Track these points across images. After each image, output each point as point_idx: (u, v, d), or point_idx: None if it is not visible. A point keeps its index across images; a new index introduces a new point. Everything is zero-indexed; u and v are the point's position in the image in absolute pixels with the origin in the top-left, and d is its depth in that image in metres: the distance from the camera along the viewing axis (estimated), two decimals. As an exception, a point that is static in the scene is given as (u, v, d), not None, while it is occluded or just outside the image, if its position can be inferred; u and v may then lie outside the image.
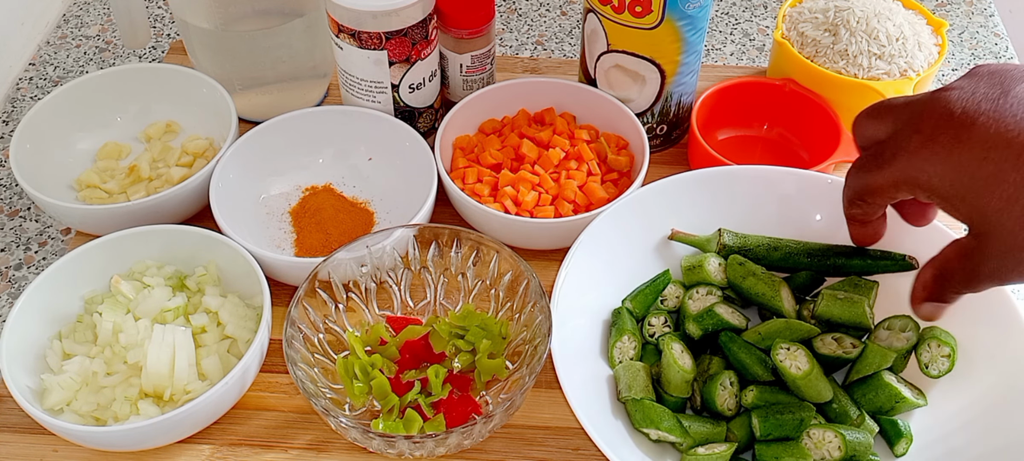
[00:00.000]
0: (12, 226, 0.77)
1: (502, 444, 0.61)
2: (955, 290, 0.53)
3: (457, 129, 0.76)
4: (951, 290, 0.53)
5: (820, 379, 0.57)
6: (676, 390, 0.59)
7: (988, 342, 0.60)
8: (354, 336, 0.62)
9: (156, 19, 0.98)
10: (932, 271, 0.54)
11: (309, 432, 0.62)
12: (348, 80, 0.74)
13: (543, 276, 0.66)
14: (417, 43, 0.71)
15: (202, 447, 0.61)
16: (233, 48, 0.77)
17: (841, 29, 0.78)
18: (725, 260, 0.65)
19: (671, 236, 0.64)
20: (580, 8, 0.99)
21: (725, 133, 0.82)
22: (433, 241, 0.64)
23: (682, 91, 0.76)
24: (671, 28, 0.70)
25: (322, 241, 0.71)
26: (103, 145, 0.78)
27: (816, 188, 0.67)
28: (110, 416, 0.59)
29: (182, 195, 0.69)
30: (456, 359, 0.62)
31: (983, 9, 0.99)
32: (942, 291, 0.54)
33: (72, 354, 0.61)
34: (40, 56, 0.94)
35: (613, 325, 0.64)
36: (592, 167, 0.73)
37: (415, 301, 0.67)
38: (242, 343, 0.62)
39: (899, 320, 0.62)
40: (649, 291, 0.65)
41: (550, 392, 0.63)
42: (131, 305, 0.63)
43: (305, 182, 0.76)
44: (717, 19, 0.98)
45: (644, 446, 0.58)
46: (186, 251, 0.66)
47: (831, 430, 0.56)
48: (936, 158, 0.48)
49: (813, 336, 0.60)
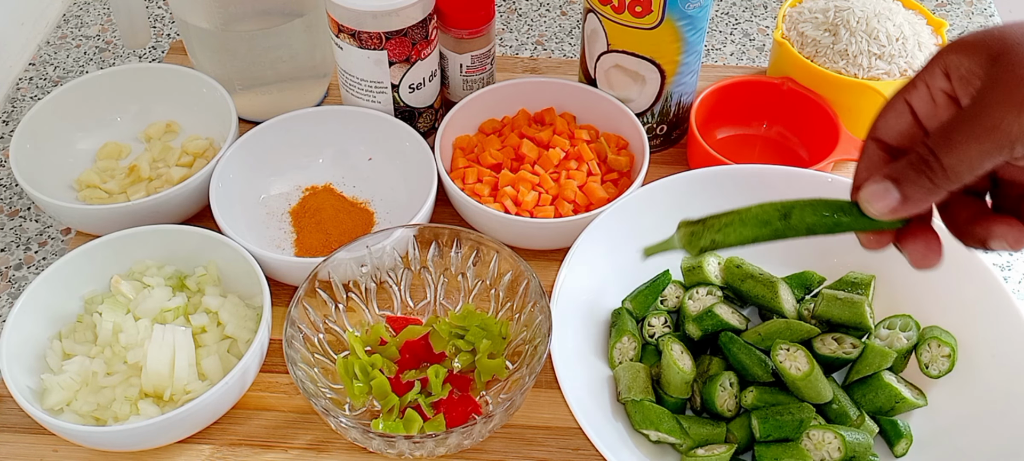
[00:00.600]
0: (12, 226, 0.77)
1: (502, 444, 0.61)
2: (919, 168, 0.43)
3: (457, 129, 0.76)
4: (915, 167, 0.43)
5: (820, 380, 0.57)
6: (676, 391, 0.59)
7: (988, 342, 0.60)
8: (354, 336, 0.62)
9: (156, 19, 0.98)
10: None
11: (309, 432, 0.62)
12: (348, 80, 0.74)
13: (543, 276, 0.66)
14: (417, 43, 0.71)
15: (202, 447, 0.61)
16: (233, 48, 0.77)
17: (841, 29, 0.78)
18: (722, 260, 0.65)
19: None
20: (580, 8, 0.99)
21: (724, 132, 0.82)
22: (433, 241, 0.64)
23: (682, 91, 0.76)
24: (671, 28, 0.70)
25: (322, 241, 0.71)
26: (103, 145, 0.78)
27: (816, 187, 0.67)
28: (110, 416, 0.59)
29: (182, 195, 0.69)
30: (456, 359, 0.62)
31: (983, 9, 0.99)
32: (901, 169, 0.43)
33: (72, 354, 0.61)
34: (40, 56, 0.94)
35: (613, 326, 0.64)
36: (592, 167, 0.73)
37: (415, 301, 0.67)
38: (242, 343, 0.62)
39: (899, 319, 0.62)
40: (649, 291, 0.65)
41: (550, 392, 0.63)
42: (131, 305, 0.63)
43: (305, 182, 0.76)
44: (717, 19, 0.98)
45: (644, 447, 0.58)
46: (186, 251, 0.66)
47: (831, 431, 0.56)
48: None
49: (813, 336, 0.60)
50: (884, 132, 0.47)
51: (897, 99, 0.46)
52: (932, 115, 0.45)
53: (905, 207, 0.43)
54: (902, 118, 0.46)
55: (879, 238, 0.47)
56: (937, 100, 0.45)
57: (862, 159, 0.47)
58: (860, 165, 0.48)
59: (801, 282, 0.66)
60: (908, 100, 0.46)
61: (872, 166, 0.47)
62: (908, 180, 0.43)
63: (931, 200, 0.43)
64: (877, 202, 0.44)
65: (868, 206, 0.45)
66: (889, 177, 0.44)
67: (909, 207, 0.43)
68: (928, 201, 0.43)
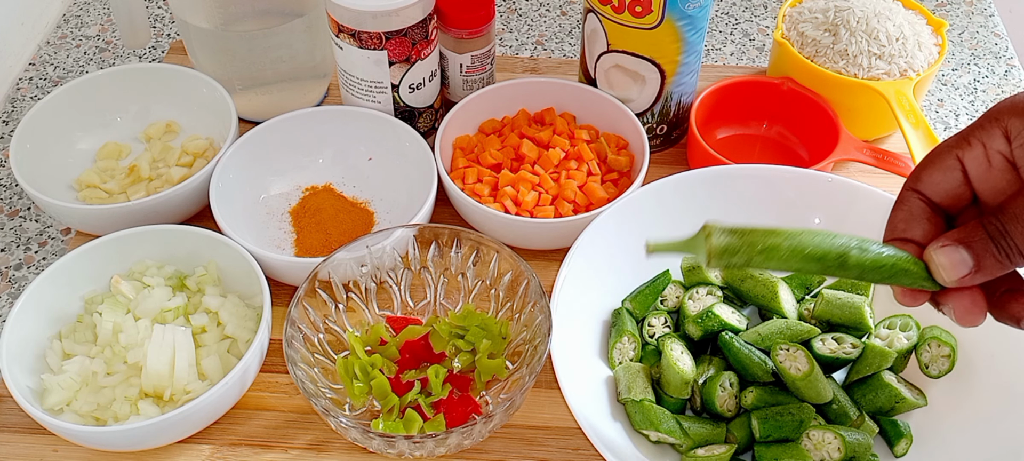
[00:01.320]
0: (12, 226, 0.77)
1: (502, 444, 0.61)
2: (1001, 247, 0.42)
3: (457, 129, 0.76)
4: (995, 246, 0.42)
5: (820, 380, 0.57)
6: (676, 391, 0.59)
7: (989, 342, 0.60)
8: (354, 336, 0.62)
9: (156, 19, 0.98)
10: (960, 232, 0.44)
11: (309, 432, 0.62)
12: (348, 80, 0.74)
13: (543, 276, 0.66)
14: (417, 43, 0.71)
15: (202, 447, 0.61)
16: (233, 48, 0.76)
17: (841, 29, 0.78)
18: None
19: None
20: (580, 8, 0.99)
21: (724, 132, 0.82)
22: (433, 241, 0.64)
23: (682, 91, 0.76)
24: (671, 28, 0.70)
25: (322, 241, 0.71)
26: (103, 145, 0.78)
27: (815, 187, 0.67)
28: (110, 416, 0.59)
29: (182, 195, 0.69)
30: (456, 359, 0.62)
31: (983, 9, 0.99)
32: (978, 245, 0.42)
33: (72, 354, 0.61)
34: (40, 56, 0.94)
35: (613, 326, 0.64)
36: (592, 167, 0.73)
37: (415, 301, 0.67)
38: (242, 343, 0.62)
39: (899, 319, 0.62)
40: (649, 291, 0.65)
41: (550, 392, 0.63)
42: (131, 305, 0.63)
43: (305, 182, 0.76)
44: (717, 19, 0.98)
45: (643, 447, 0.58)
46: (186, 251, 0.66)
47: (831, 431, 0.56)
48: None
49: (813, 337, 0.60)
50: (929, 187, 0.45)
51: (948, 154, 0.44)
52: (985, 178, 0.43)
53: (976, 277, 0.42)
54: (951, 175, 0.44)
55: (917, 296, 0.45)
56: (993, 162, 0.43)
57: (900, 209, 0.45)
58: (898, 215, 0.45)
59: (801, 281, 0.66)
60: (961, 158, 0.44)
61: (912, 218, 0.45)
62: (986, 252, 0.42)
63: (1000, 273, 0.42)
64: (952, 270, 0.42)
65: (942, 272, 0.43)
66: (963, 244, 0.42)
67: (979, 277, 0.42)
68: (998, 274, 0.42)
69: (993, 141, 0.43)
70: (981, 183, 0.44)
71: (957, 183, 0.44)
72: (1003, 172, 0.43)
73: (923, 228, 0.44)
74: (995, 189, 0.44)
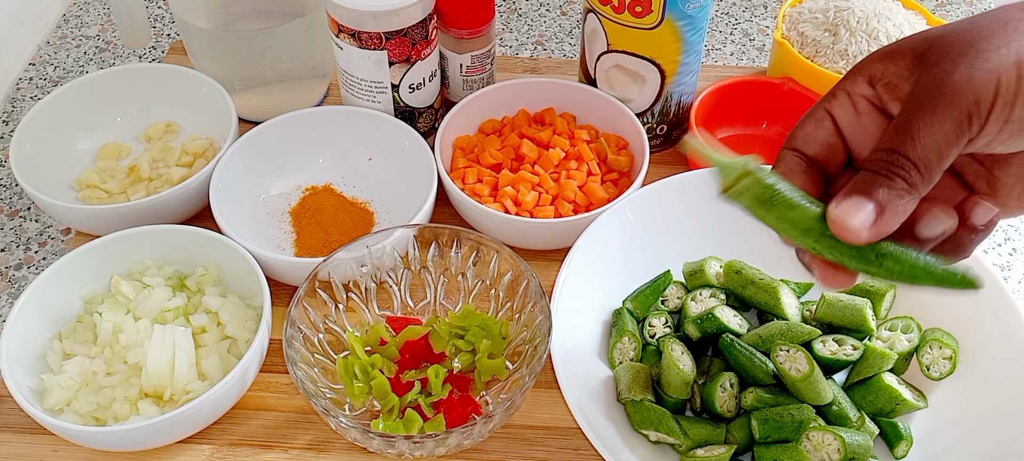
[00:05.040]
0: (12, 226, 0.77)
1: (502, 444, 0.61)
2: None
3: (457, 129, 0.76)
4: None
5: (820, 381, 0.57)
6: (676, 391, 0.59)
7: (989, 343, 0.60)
8: (354, 336, 0.62)
9: (156, 19, 0.98)
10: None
11: (309, 432, 0.62)
12: (348, 80, 0.74)
13: (543, 276, 0.66)
14: (417, 43, 0.71)
15: (202, 447, 0.61)
16: (233, 48, 0.76)
17: (841, 29, 0.78)
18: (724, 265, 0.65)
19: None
20: (580, 8, 0.99)
21: (724, 132, 0.82)
22: (433, 241, 0.64)
23: (682, 91, 0.76)
24: (671, 28, 0.70)
25: (322, 241, 0.71)
26: (103, 145, 0.78)
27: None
28: (110, 416, 0.59)
29: (182, 195, 0.69)
30: (456, 359, 0.62)
31: (983, 9, 0.99)
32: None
33: (72, 354, 0.61)
34: (40, 56, 0.94)
35: (613, 326, 0.64)
36: (592, 167, 0.73)
37: (415, 301, 0.67)
38: (242, 343, 0.62)
39: (901, 321, 0.62)
40: (650, 291, 0.65)
41: (550, 392, 0.63)
42: (131, 305, 0.63)
43: (305, 182, 0.76)
44: (717, 19, 0.98)
45: (643, 447, 0.58)
46: (186, 251, 0.66)
47: (831, 432, 0.56)
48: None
49: (813, 338, 0.60)
50: (803, 142, 0.45)
51: (817, 109, 0.45)
52: (854, 124, 0.44)
53: (884, 219, 0.40)
54: (822, 128, 0.45)
55: (839, 274, 0.44)
56: (859, 108, 0.44)
57: (777, 166, 0.45)
58: (776, 171, 0.45)
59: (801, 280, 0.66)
60: (829, 110, 0.45)
61: (789, 173, 0.45)
62: (878, 186, 0.40)
63: (909, 205, 0.40)
64: (852, 219, 0.40)
65: (844, 227, 0.40)
66: (855, 192, 0.40)
67: (888, 218, 0.40)
68: (906, 207, 0.40)
69: (857, 87, 0.44)
70: (852, 131, 0.45)
71: (828, 133, 0.45)
72: (870, 116, 0.44)
73: (801, 181, 0.45)
74: (866, 135, 0.44)
